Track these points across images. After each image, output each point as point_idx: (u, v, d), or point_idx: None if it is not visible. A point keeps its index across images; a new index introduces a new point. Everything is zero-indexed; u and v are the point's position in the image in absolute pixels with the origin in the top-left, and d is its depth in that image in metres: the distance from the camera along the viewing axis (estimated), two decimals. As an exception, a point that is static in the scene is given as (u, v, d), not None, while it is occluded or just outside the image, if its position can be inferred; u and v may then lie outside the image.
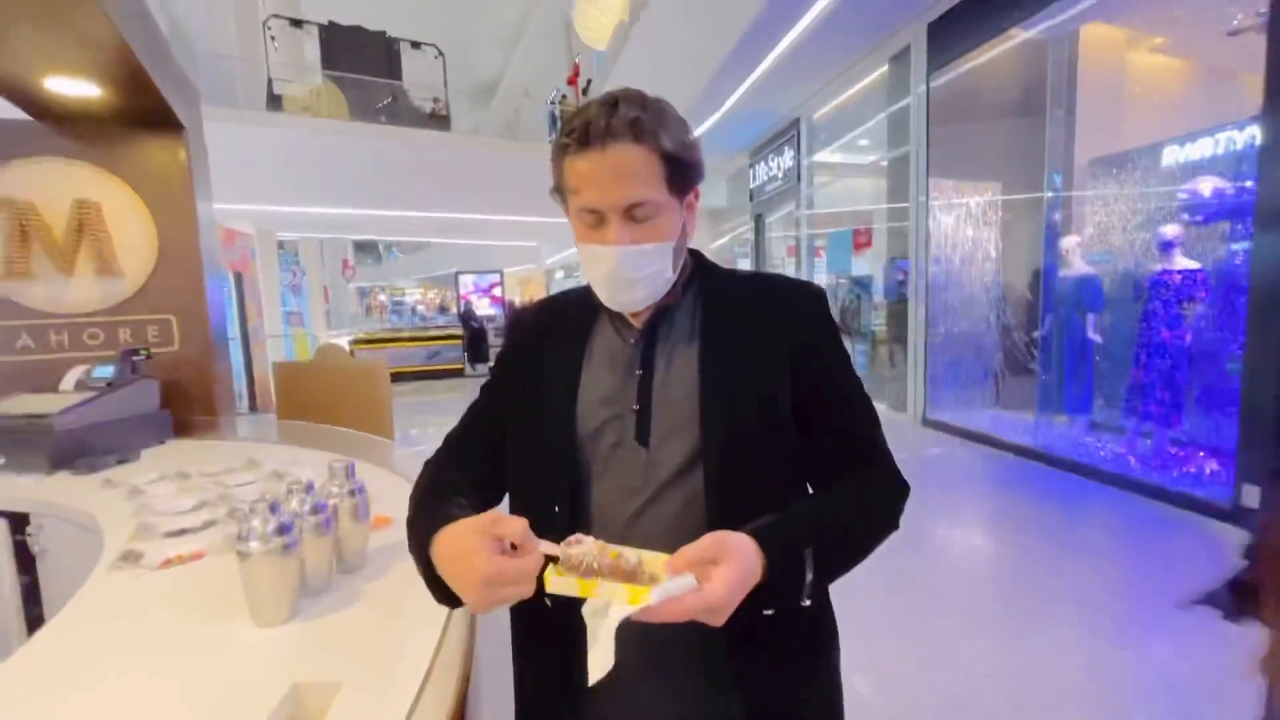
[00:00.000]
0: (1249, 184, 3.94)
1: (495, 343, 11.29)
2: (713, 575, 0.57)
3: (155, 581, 0.93)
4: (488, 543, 0.59)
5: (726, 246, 10.86)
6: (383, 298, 27.17)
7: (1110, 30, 5.87)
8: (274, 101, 10.16)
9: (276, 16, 10.94)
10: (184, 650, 0.74)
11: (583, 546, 0.57)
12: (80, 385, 1.87)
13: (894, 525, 0.76)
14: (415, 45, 12.32)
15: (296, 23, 11.20)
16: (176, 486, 1.39)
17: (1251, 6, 5.16)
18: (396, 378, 10.64)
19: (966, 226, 6.06)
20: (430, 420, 7.91)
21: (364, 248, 25.67)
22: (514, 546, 0.60)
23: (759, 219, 9.65)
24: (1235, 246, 4.18)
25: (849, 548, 0.72)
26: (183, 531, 1.13)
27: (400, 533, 1.11)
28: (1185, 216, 4.35)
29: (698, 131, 8.27)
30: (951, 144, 5.79)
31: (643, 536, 0.71)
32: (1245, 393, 3.14)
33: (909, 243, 6.06)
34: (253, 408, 8.38)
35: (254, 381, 8.37)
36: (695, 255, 0.84)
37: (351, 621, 0.79)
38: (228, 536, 0.97)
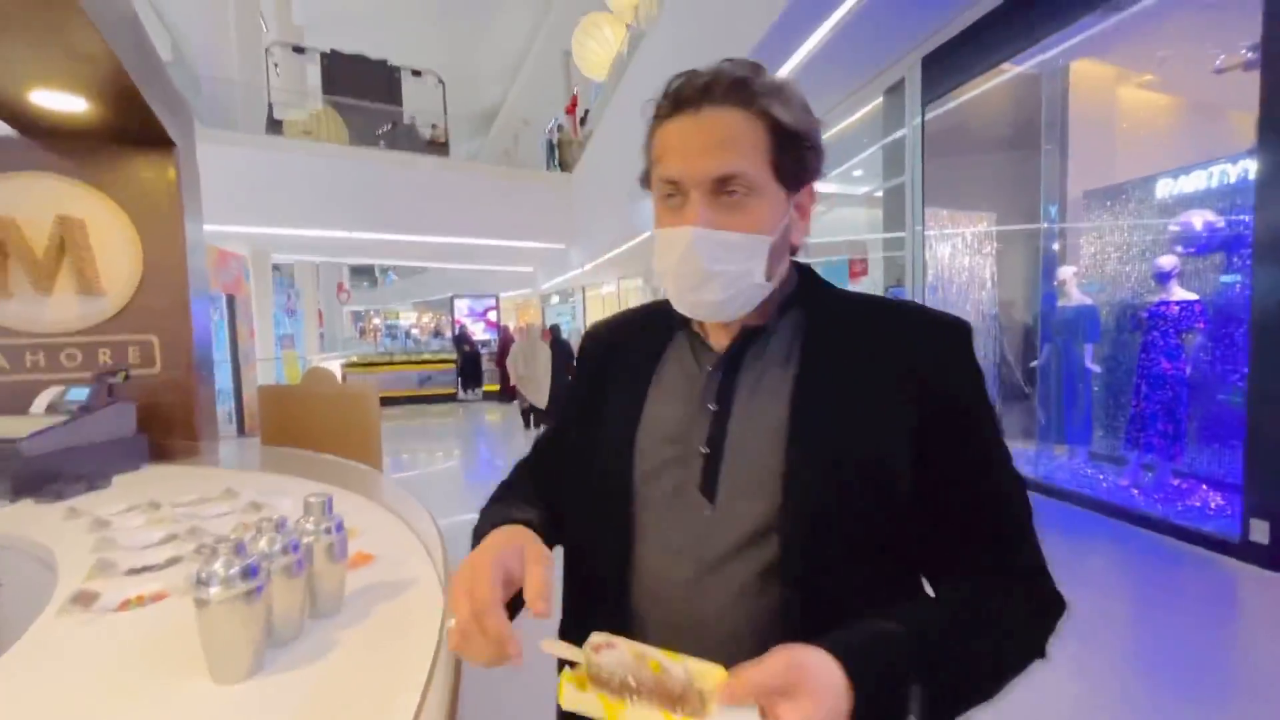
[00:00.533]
0: (1245, 217, 3.96)
1: (489, 367, 11.20)
2: (781, 714, 0.42)
3: (109, 626, 0.85)
4: (499, 574, 0.54)
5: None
6: (377, 321, 27.13)
7: (1099, 67, 5.99)
8: (274, 126, 10.24)
9: (279, 44, 11.09)
10: (128, 710, 0.66)
11: (614, 652, 0.44)
12: (52, 408, 1.79)
13: (1040, 653, 0.57)
14: (416, 73, 12.50)
15: (299, 49, 11.35)
16: (145, 518, 1.30)
17: (1232, 47, 5.29)
18: (388, 402, 10.53)
19: (963, 256, 6.08)
20: (421, 446, 7.78)
21: (360, 271, 25.74)
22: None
23: (755, 247, 9.69)
24: (1228, 279, 4.19)
25: (974, 683, 0.53)
26: (145, 569, 1.04)
27: (383, 572, 1.03)
28: (1180, 248, 4.37)
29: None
30: (946, 175, 5.84)
31: (697, 615, 0.59)
32: (1251, 426, 3.10)
33: (905, 272, 6.07)
34: (240, 431, 8.24)
35: (243, 405, 8.25)
36: (803, 271, 0.69)
37: (322, 676, 0.71)
38: (194, 575, 0.88)
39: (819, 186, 0.67)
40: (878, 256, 6.87)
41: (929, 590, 0.62)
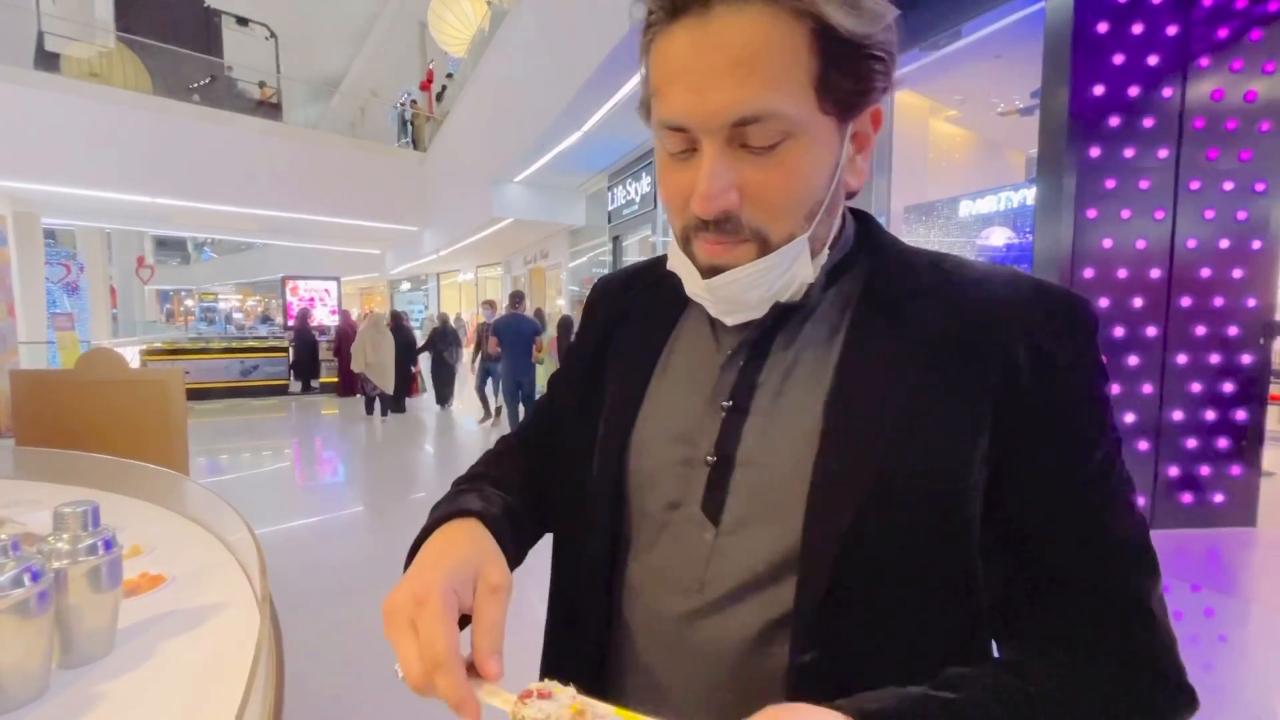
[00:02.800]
0: (1028, 237, 4.71)
1: (327, 358, 10.20)
2: None
3: None
4: (452, 610, 0.40)
5: (585, 267, 10.87)
6: (189, 303, 23.61)
7: (917, 98, 6.81)
8: (46, 60, 8.45)
9: (54, -39, 9.16)
10: None
11: (548, 704, 0.35)
12: None
13: None
14: (241, 21, 11.00)
15: (82, -28, 9.47)
16: None
17: (1009, 97, 6.30)
18: (202, 394, 9.18)
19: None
20: (243, 445, 6.87)
21: (168, 245, 22.18)
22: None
23: (616, 241, 9.79)
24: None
25: None
26: None
27: (177, 598, 0.84)
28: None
29: (558, 149, 8.25)
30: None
31: (688, 665, 0.47)
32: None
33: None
34: (-6, 431, 6.69)
35: (-3, 398, 6.71)
36: (861, 223, 0.52)
37: (73, 743, 0.54)
38: None
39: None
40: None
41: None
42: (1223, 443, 3.47)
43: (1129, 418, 3.41)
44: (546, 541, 0.59)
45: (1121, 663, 0.41)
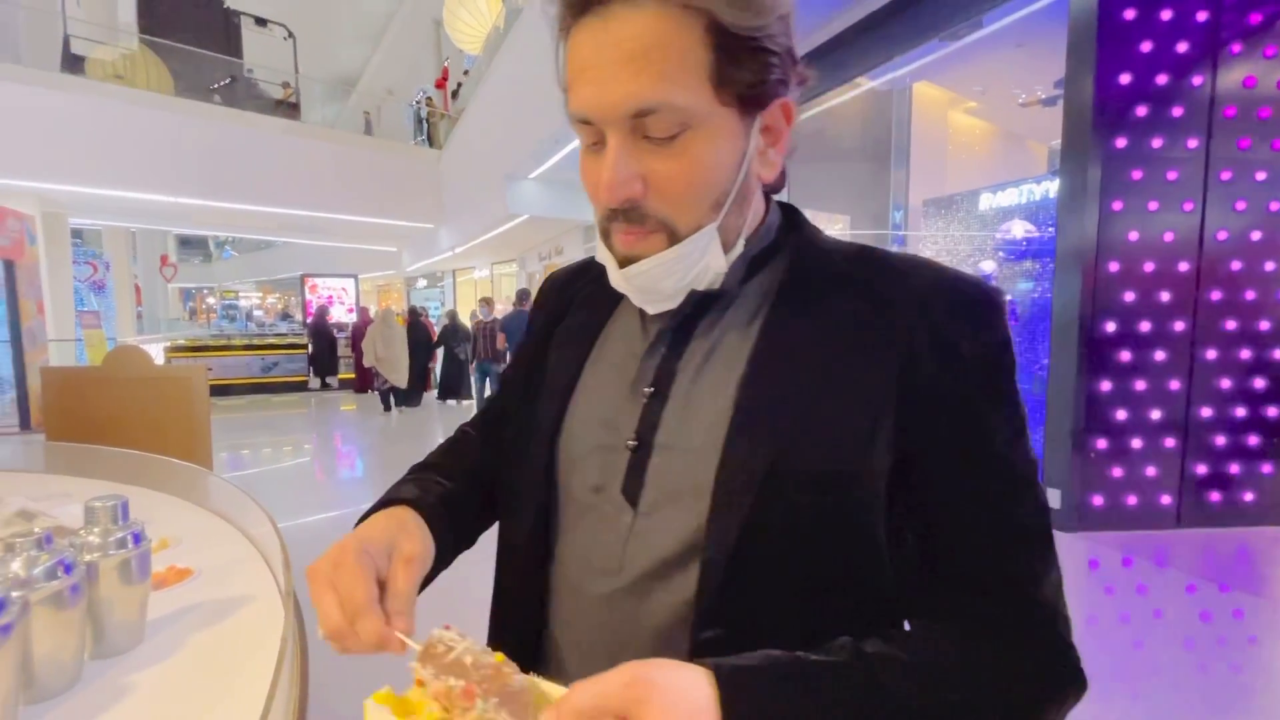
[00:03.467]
0: (1050, 230, 4.62)
1: (345, 354, 10.32)
2: None
3: None
4: (369, 569, 0.44)
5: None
6: (211, 301, 24.01)
7: (935, 90, 6.71)
8: (72, 63, 8.61)
9: (79, -35, 9.33)
10: None
11: (458, 642, 0.36)
12: None
13: None
14: (260, 22, 11.13)
15: (106, -25, 9.63)
16: None
17: (1031, 87, 6.18)
18: (224, 390, 9.35)
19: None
20: (264, 440, 6.99)
21: (190, 243, 22.57)
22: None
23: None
24: (1031, 284, 4.88)
25: None
26: None
27: (204, 590, 0.85)
28: (1001, 254, 5.02)
29: (572, 145, 8.24)
30: (806, 177, 6.24)
31: (612, 645, 0.48)
32: (1049, 409, 3.62)
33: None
34: (25, 425, 6.87)
35: (27, 393, 6.87)
36: (785, 214, 0.54)
37: (105, 734, 0.55)
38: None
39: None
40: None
41: None
42: (1253, 440, 3.39)
43: (1155, 414, 3.34)
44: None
45: (1008, 643, 0.42)
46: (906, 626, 0.47)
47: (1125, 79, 3.20)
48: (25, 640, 0.55)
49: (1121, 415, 3.36)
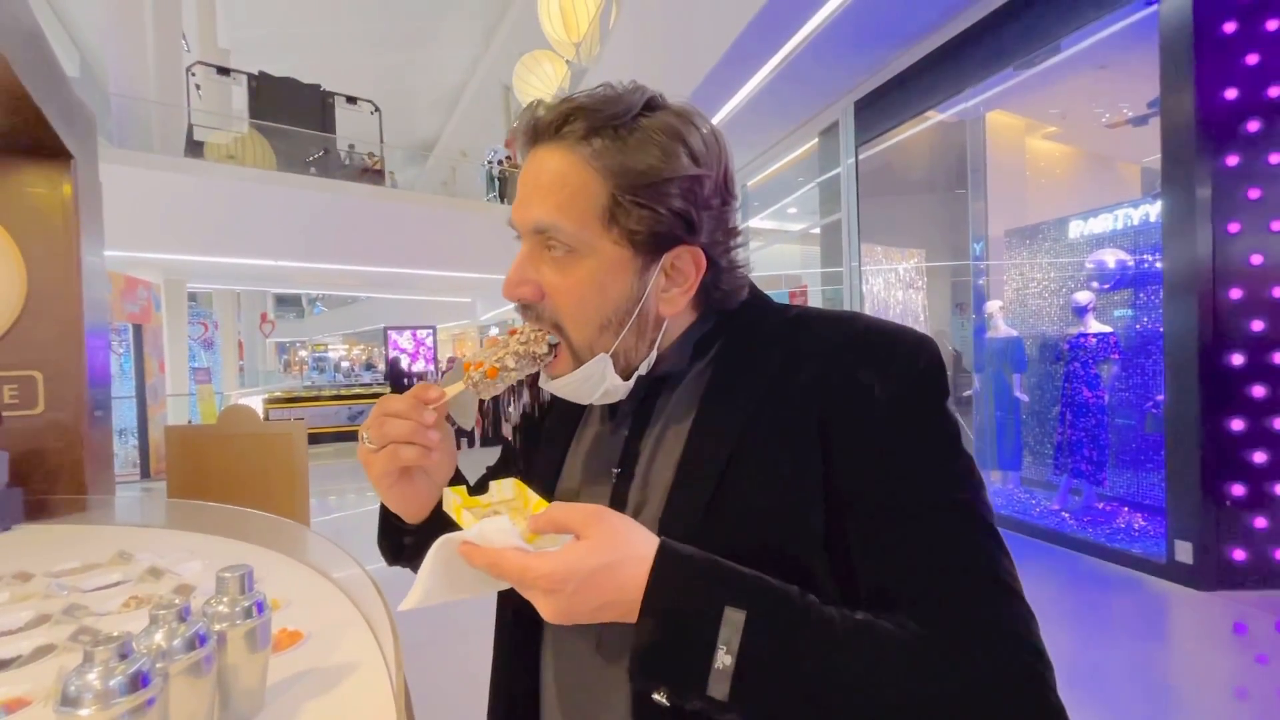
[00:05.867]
0: (1149, 257, 4.30)
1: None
2: (565, 547, 0.42)
3: (-56, 750, 0.66)
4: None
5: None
6: (304, 354, 25.80)
7: (1010, 118, 6.48)
8: (194, 148, 9.69)
9: (202, 64, 10.57)
10: None
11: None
12: (-99, 459, 1.50)
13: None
14: (351, 100, 12.17)
15: (224, 71, 10.85)
16: (9, 593, 1.08)
17: (1117, 107, 5.86)
18: (315, 439, 9.89)
19: (896, 290, 6.33)
20: (350, 486, 7.30)
21: (286, 301, 24.52)
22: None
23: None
24: (1135, 313, 4.52)
25: (827, 674, 0.40)
26: (4, 664, 0.84)
27: (315, 655, 0.87)
28: (1096, 284, 4.69)
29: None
30: (880, 213, 6.11)
31: (596, 689, 0.54)
32: (1170, 453, 3.28)
33: (843, 304, 6.25)
34: (145, 474, 7.50)
35: (148, 445, 7.52)
36: (736, 307, 0.59)
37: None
38: (62, 688, 0.71)
39: (754, 223, 0.62)
40: (816, 289, 7.09)
41: None
42: None
43: (1299, 456, 2.97)
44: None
45: (958, 628, 0.43)
46: None
47: (1231, 94, 2.98)
48: (164, 712, 0.57)
49: (1260, 458, 3.00)
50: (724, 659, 0.39)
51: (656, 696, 0.42)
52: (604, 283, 0.52)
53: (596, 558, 0.41)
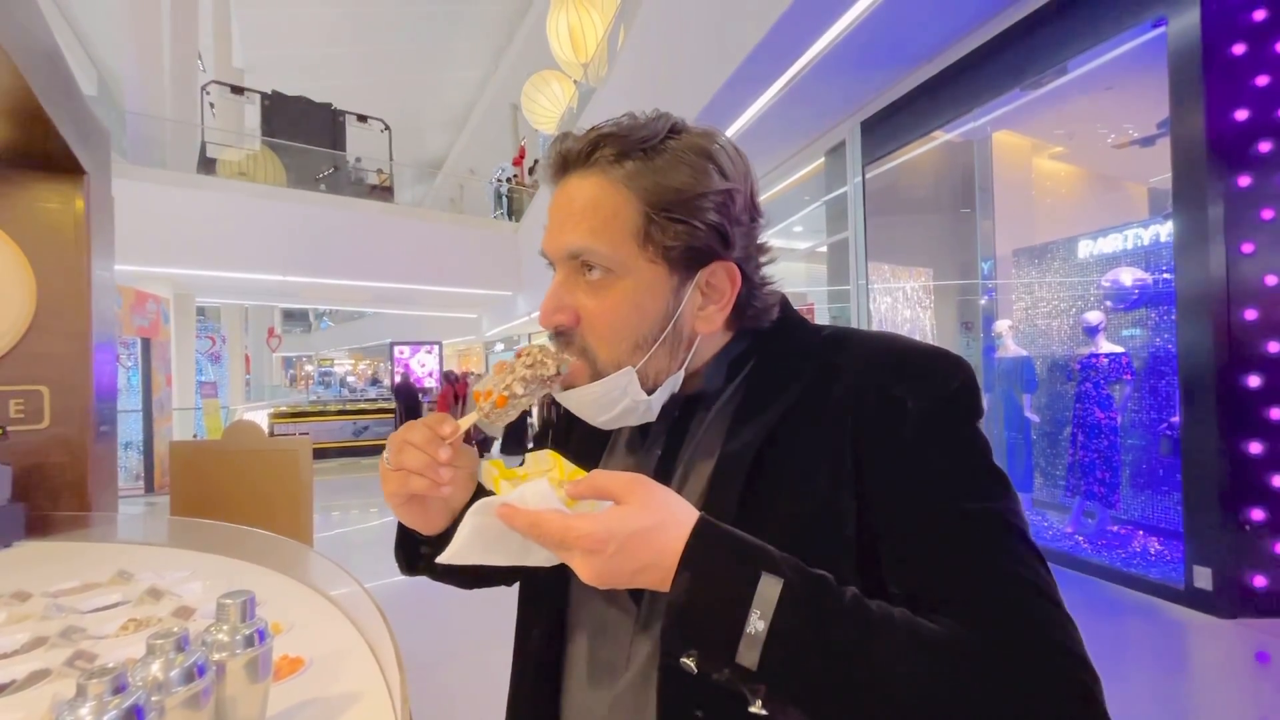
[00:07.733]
0: (1164, 275, 4.26)
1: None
2: (603, 511, 0.42)
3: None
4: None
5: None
6: (310, 368, 25.88)
7: (1017, 138, 6.49)
8: (206, 165, 9.81)
9: (217, 83, 10.75)
10: None
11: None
12: (-96, 474, 1.49)
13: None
14: (361, 119, 12.34)
15: (237, 90, 11.03)
16: (6, 614, 1.05)
17: (1123, 128, 5.87)
18: (320, 454, 9.87)
19: (904, 309, 6.30)
20: (354, 502, 7.26)
21: (293, 316, 24.66)
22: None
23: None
24: (1147, 334, 4.47)
25: (865, 658, 0.38)
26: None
27: (317, 684, 0.84)
28: (1109, 304, 4.65)
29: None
30: (887, 231, 6.10)
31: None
32: (1186, 476, 3.22)
33: (850, 323, 6.23)
34: (149, 488, 7.48)
35: (153, 459, 7.52)
36: (768, 326, 0.58)
37: None
38: (60, 704, 0.69)
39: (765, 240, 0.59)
40: (823, 307, 7.07)
41: None
42: None
43: (1322, 481, 2.91)
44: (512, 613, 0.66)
45: (1003, 636, 0.41)
46: None
47: (1241, 115, 2.98)
48: (159, 748, 0.54)
49: (1280, 482, 2.94)
50: (756, 623, 0.39)
51: (685, 661, 0.41)
52: (641, 302, 0.52)
53: (638, 520, 0.41)
